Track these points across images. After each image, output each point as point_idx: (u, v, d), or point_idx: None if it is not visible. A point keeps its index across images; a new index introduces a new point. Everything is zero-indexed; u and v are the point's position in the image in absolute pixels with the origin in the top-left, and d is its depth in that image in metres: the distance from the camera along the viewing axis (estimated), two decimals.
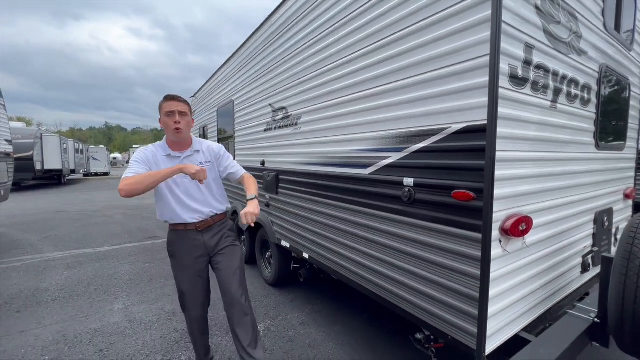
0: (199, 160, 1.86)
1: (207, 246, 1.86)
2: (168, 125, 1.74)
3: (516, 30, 1.32)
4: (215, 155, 1.94)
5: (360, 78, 1.93)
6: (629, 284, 1.34)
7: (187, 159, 1.82)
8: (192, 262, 1.83)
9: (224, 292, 1.86)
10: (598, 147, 2.08)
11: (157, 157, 1.77)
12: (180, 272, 1.85)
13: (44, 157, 15.23)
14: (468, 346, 1.40)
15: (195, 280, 1.85)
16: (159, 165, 1.75)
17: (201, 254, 1.85)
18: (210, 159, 1.91)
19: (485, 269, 1.32)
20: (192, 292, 1.86)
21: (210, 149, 1.94)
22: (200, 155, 1.88)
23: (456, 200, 1.41)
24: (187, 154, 1.83)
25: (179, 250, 1.84)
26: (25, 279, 3.84)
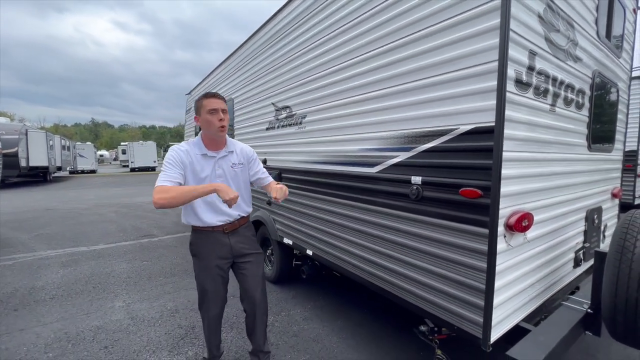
0: (233, 161, 1.85)
1: (233, 249, 1.86)
2: (211, 123, 1.69)
3: (521, 37, 1.41)
4: (248, 158, 1.93)
5: (369, 79, 1.99)
6: (621, 277, 1.44)
7: (222, 159, 1.81)
8: (217, 262, 1.82)
9: (247, 296, 1.91)
10: (590, 149, 2.21)
11: (191, 156, 1.73)
12: (203, 272, 1.83)
13: (29, 153, 14.80)
14: (474, 335, 1.48)
15: (217, 280, 1.85)
16: (193, 165, 1.72)
17: (226, 256, 1.85)
18: (243, 161, 1.90)
19: (492, 262, 1.40)
20: (214, 292, 1.85)
21: (243, 151, 1.93)
22: (234, 156, 1.87)
23: (464, 198, 1.49)
24: (222, 154, 1.81)
25: (203, 250, 1.82)
26: (19, 277, 3.77)
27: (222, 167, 1.81)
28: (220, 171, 1.80)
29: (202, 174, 1.74)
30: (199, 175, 1.74)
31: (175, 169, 1.65)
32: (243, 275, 1.90)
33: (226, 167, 1.82)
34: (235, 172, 1.86)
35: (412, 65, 1.71)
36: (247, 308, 1.94)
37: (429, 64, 1.62)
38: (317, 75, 2.50)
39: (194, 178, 1.73)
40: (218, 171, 1.79)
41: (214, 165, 1.78)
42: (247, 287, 1.90)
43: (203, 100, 1.72)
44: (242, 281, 1.92)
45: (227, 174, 1.82)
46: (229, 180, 1.83)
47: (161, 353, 2.31)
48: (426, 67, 1.63)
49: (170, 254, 4.68)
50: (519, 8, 1.36)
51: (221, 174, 1.80)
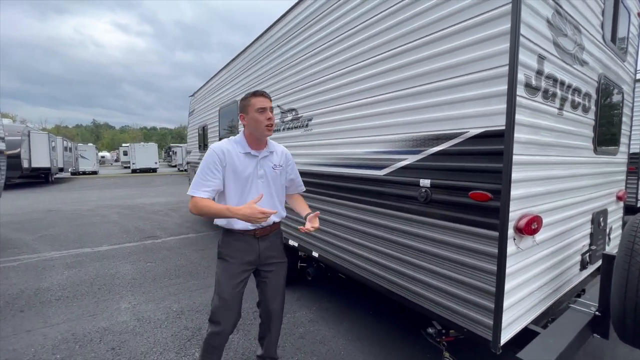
0: (274, 162, 1.80)
1: (261, 255, 1.77)
2: (259, 121, 1.64)
3: (531, 42, 1.42)
4: (287, 161, 1.89)
5: (376, 82, 2.01)
6: (630, 279, 1.45)
7: (264, 159, 1.75)
8: (243, 267, 1.75)
9: (267, 304, 1.84)
10: (596, 152, 2.22)
11: (232, 155, 1.66)
12: (226, 278, 1.72)
13: (31, 154, 14.84)
14: (484, 338, 1.49)
15: (237, 288, 1.74)
16: (234, 163, 1.66)
17: (252, 261, 1.77)
18: (283, 163, 1.85)
19: (502, 265, 1.41)
20: (234, 303, 1.73)
21: (283, 153, 1.88)
22: (275, 156, 1.81)
23: (473, 201, 1.50)
24: (264, 154, 1.75)
25: (233, 252, 1.73)
26: (24, 278, 3.78)
27: (264, 167, 1.75)
28: (262, 171, 1.74)
29: (244, 173, 1.69)
30: (240, 174, 1.68)
31: (214, 173, 1.61)
32: (264, 284, 1.84)
33: (267, 168, 1.76)
34: (276, 173, 1.80)
35: (421, 69, 1.72)
36: (263, 316, 1.89)
37: (438, 67, 1.64)
38: (324, 78, 2.52)
39: (235, 177, 1.67)
40: (260, 171, 1.73)
41: (257, 165, 1.72)
42: (267, 296, 1.84)
43: (251, 98, 1.66)
44: (262, 289, 1.85)
45: (268, 174, 1.76)
46: (270, 181, 1.77)
47: (168, 354, 2.32)
48: (435, 70, 1.65)
49: (174, 255, 4.68)
50: (528, 13, 1.38)
51: (263, 175, 1.74)
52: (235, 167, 1.67)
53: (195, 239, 5.66)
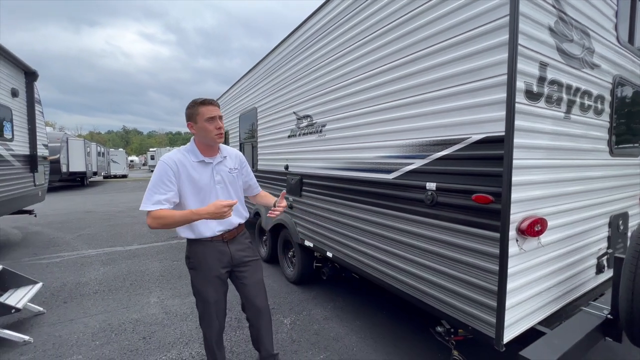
0: (229, 166, 1.82)
1: (233, 257, 1.80)
2: (209, 130, 1.64)
3: (531, 50, 1.48)
4: (241, 162, 1.92)
5: (386, 90, 2.11)
6: (637, 281, 1.46)
7: (218, 165, 1.77)
8: (218, 272, 1.76)
9: (250, 303, 1.85)
10: (612, 154, 2.19)
11: (186, 165, 1.65)
12: (205, 284, 1.75)
13: (69, 160, 16.00)
14: (488, 335, 1.54)
15: (219, 290, 1.79)
16: (189, 173, 1.65)
17: (226, 265, 1.79)
18: (237, 166, 1.88)
19: (503, 265, 1.47)
20: (216, 303, 1.77)
21: (236, 155, 1.90)
22: (229, 161, 1.83)
23: (476, 203, 1.57)
24: (218, 160, 1.77)
25: (204, 261, 1.74)
26: (66, 273, 4.16)
27: (220, 172, 1.76)
28: (219, 177, 1.75)
29: (202, 182, 1.69)
30: (197, 183, 1.68)
31: (168, 185, 1.59)
32: (243, 285, 1.85)
33: (224, 173, 1.78)
34: (233, 177, 1.82)
35: (426, 78, 1.81)
36: (251, 316, 1.88)
37: (442, 76, 1.72)
38: (337, 86, 2.65)
39: (193, 187, 1.67)
40: (217, 177, 1.74)
41: (212, 172, 1.73)
42: (249, 295, 1.84)
43: (199, 107, 1.64)
44: (242, 290, 1.86)
45: (225, 179, 1.78)
46: (228, 185, 1.79)
47: (193, 345, 2.51)
48: (439, 79, 1.73)
49: None
50: (527, 23, 1.44)
51: (220, 180, 1.76)
52: (191, 177, 1.65)
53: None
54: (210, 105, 1.66)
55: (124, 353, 2.42)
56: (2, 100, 4.83)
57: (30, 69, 5.64)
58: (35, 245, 5.58)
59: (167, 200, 1.58)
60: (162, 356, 2.38)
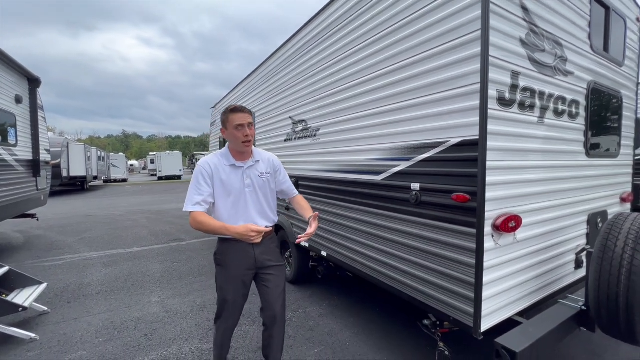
0: (260, 171, 1.87)
1: (257, 260, 1.85)
2: (237, 137, 1.72)
3: (502, 61, 1.61)
4: (274, 167, 1.95)
5: (374, 97, 2.24)
6: (603, 273, 1.58)
7: (249, 169, 1.83)
8: (241, 273, 1.83)
9: (268, 308, 1.88)
10: (589, 155, 2.32)
11: (218, 168, 1.76)
12: (226, 282, 1.83)
13: (69, 164, 16.13)
14: (467, 325, 1.66)
15: (239, 291, 1.85)
16: (221, 177, 1.76)
17: (250, 267, 1.85)
18: (270, 170, 1.92)
19: (480, 259, 1.58)
20: (235, 302, 1.85)
21: (270, 160, 1.95)
22: (261, 165, 1.89)
23: (455, 202, 1.69)
24: (249, 164, 1.83)
25: (229, 260, 1.82)
26: (69, 275, 4.26)
27: (250, 176, 1.83)
28: (248, 181, 1.82)
29: (232, 185, 1.77)
30: (228, 186, 1.77)
31: (205, 187, 1.72)
32: (265, 288, 1.89)
33: (254, 177, 1.84)
34: (263, 181, 1.87)
35: (410, 86, 1.94)
36: (267, 320, 1.90)
37: (423, 84, 1.85)
38: (330, 92, 2.78)
39: (224, 189, 1.76)
40: (247, 181, 1.81)
41: (242, 176, 1.80)
42: (269, 299, 1.88)
43: (229, 115, 1.73)
44: (264, 293, 1.90)
45: (255, 183, 1.84)
46: (257, 189, 1.85)
47: (193, 341, 2.62)
48: (421, 87, 1.86)
49: (197, 256, 5.06)
50: (498, 36, 1.57)
51: (249, 184, 1.82)
52: (222, 180, 1.75)
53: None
54: (240, 112, 1.73)
55: (127, 349, 2.52)
56: (6, 106, 4.96)
57: (34, 75, 5.78)
58: (38, 248, 5.68)
59: (204, 201, 1.71)
60: (164, 351, 2.48)
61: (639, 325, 1.52)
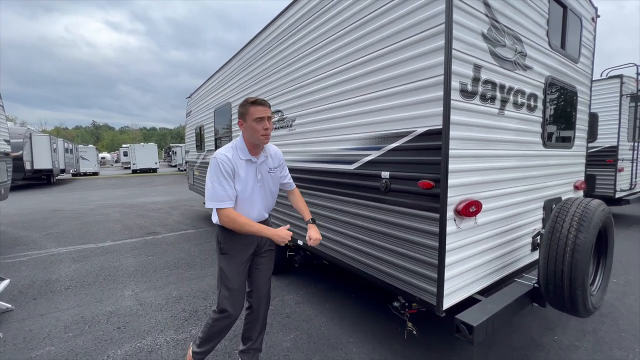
0: (270, 166, 1.88)
1: (259, 245, 1.90)
2: (256, 130, 1.70)
3: (465, 54, 1.69)
4: (279, 161, 1.96)
5: (345, 88, 2.28)
6: (551, 252, 1.73)
7: (261, 165, 1.84)
8: (247, 259, 1.86)
9: (257, 289, 1.96)
10: (545, 146, 2.49)
11: (237, 164, 1.73)
12: (234, 270, 1.83)
13: (33, 156, 15.15)
14: (431, 303, 1.77)
15: (244, 277, 1.88)
16: (239, 171, 1.73)
17: (253, 252, 1.89)
18: (277, 165, 1.94)
19: (442, 242, 1.69)
20: (241, 290, 1.87)
21: (276, 154, 1.95)
22: (270, 160, 1.89)
23: (421, 188, 1.78)
24: (262, 159, 1.83)
25: (236, 247, 1.83)
26: (34, 271, 4.07)
27: (261, 172, 1.84)
28: (259, 176, 1.83)
29: (247, 180, 1.77)
30: (243, 182, 1.75)
31: (229, 182, 1.69)
32: (258, 270, 1.94)
33: (264, 172, 1.86)
34: (271, 176, 1.90)
35: (379, 77, 2.00)
36: (254, 303, 1.97)
37: (391, 76, 1.91)
38: (304, 83, 2.79)
39: (240, 185, 1.75)
40: (258, 176, 1.82)
41: (255, 171, 1.81)
42: (260, 281, 1.95)
43: (250, 107, 1.70)
44: (255, 276, 1.94)
45: (265, 178, 1.86)
46: (265, 184, 1.87)
47: (168, 332, 2.61)
48: (389, 79, 1.92)
49: (173, 249, 4.97)
50: (461, 30, 1.65)
51: (260, 179, 1.84)
52: (240, 175, 1.74)
53: (194, 234, 5.95)
54: (261, 105, 1.71)
55: (98, 343, 2.47)
56: None
57: None
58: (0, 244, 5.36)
59: (232, 198, 1.69)
60: (137, 343, 2.46)
61: (580, 298, 1.69)
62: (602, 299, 2.06)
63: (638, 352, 2.28)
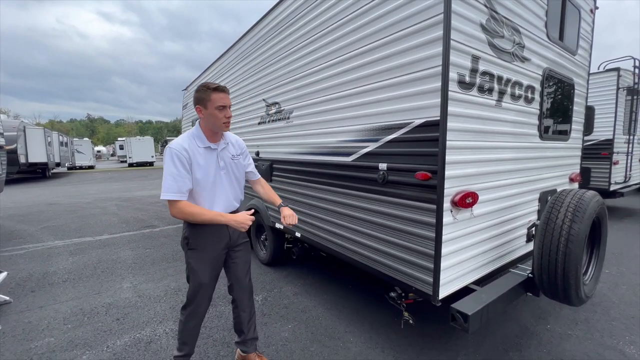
0: (232, 153, 1.85)
1: (232, 238, 1.87)
2: (218, 118, 1.65)
3: (463, 45, 1.68)
4: (242, 149, 1.93)
5: (345, 79, 2.27)
6: (546, 242, 1.76)
7: (222, 152, 1.79)
8: (218, 253, 1.82)
9: (238, 282, 1.94)
10: (542, 138, 2.50)
11: (194, 152, 1.67)
12: (203, 265, 1.79)
13: (27, 150, 14.98)
14: (427, 293, 1.79)
15: (215, 272, 1.85)
16: (197, 160, 1.67)
17: (225, 246, 1.86)
18: (239, 152, 1.90)
19: (439, 232, 1.70)
20: (210, 284, 1.83)
21: (237, 142, 1.92)
22: (231, 147, 1.86)
23: (418, 180, 1.79)
24: (222, 146, 1.79)
25: (204, 242, 1.78)
26: (31, 264, 4.07)
27: (224, 159, 1.80)
28: (222, 163, 1.79)
29: (209, 168, 1.72)
30: (205, 170, 1.71)
31: (184, 173, 1.62)
32: (235, 264, 1.92)
33: (227, 159, 1.81)
34: (235, 163, 1.86)
35: (376, 69, 1.99)
36: (238, 296, 1.96)
37: (389, 67, 1.90)
38: (301, 75, 2.77)
39: (202, 173, 1.70)
40: (221, 163, 1.78)
41: (217, 158, 1.76)
42: (239, 274, 1.93)
43: (212, 93, 1.63)
44: (233, 270, 1.93)
45: (228, 165, 1.82)
46: (230, 171, 1.83)
47: (167, 323, 2.63)
48: (388, 70, 1.91)
49: (171, 242, 4.98)
50: (459, 20, 1.64)
51: (224, 166, 1.79)
52: (199, 163, 1.68)
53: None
54: (223, 92, 1.66)
55: (98, 334, 2.49)
56: None
57: None
58: None
59: (188, 189, 1.63)
60: (137, 334, 2.48)
61: (573, 287, 1.72)
62: (595, 289, 2.10)
63: (628, 340, 2.33)
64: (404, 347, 2.28)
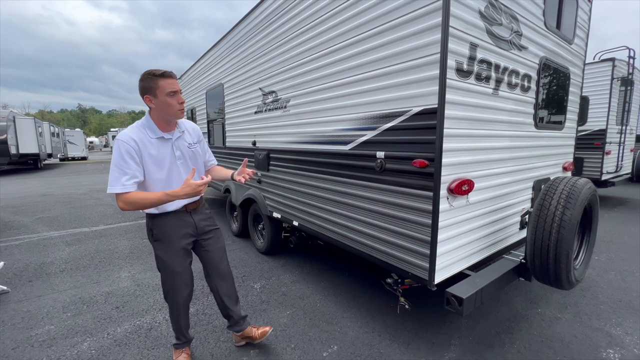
0: (189, 141, 1.79)
1: (198, 227, 1.85)
2: (172, 105, 1.59)
3: (462, 32, 1.68)
4: (199, 136, 1.87)
5: (343, 67, 2.25)
6: (539, 228, 1.80)
7: (178, 141, 1.73)
8: (185, 242, 1.80)
9: (214, 269, 1.95)
10: (537, 127, 2.52)
11: (145, 143, 1.60)
12: (171, 255, 1.77)
13: (18, 140, 14.70)
14: (423, 278, 1.84)
15: (185, 260, 1.83)
16: (149, 151, 1.61)
17: (192, 234, 1.84)
18: (196, 140, 1.85)
19: (435, 219, 1.74)
20: (184, 272, 1.82)
21: (194, 129, 1.87)
22: (187, 135, 1.80)
23: (415, 167, 1.80)
24: (177, 135, 1.72)
25: (168, 233, 1.75)
26: (28, 255, 4.05)
27: (180, 148, 1.74)
28: (178, 153, 1.73)
29: (162, 159, 1.66)
30: (159, 161, 1.65)
31: (132, 164, 1.55)
32: (207, 252, 1.91)
33: (184, 148, 1.76)
34: (192, 152, 1.80)
35: (374, 56, 1.98)
36: (216, 283, 1.97)
37: (387, 55, 1.89)
38: (298, 63, 2.74)
39: (155, 165, 1.64)
40: (177, 153, 1.72)
41: (172, 148, 1.70)
42: (213, 261, 1.93)
43: (159, 80, 1.55)
44: (207, 257, 1.92)
45: (185, 154, 1.76)
46: (188, 160, 1.78)
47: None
48: (385, 57, 1.91)
49: None
50: (458, 7, 1.63)
51: (180, 156, 1.73)
52: (151, 154, 1.61)
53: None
54: (171, 78, 1.58)
55: (98, 321, 2.52)
56: None
57: None
58: None
59: (135, 181, 1.56)
60: (137, 321, 2.51)
61: (564, 271, 1.78)
62: (584, 273, 2.16)
63: (615, 322, 2.42)
64: (399, 331, 2.34)
